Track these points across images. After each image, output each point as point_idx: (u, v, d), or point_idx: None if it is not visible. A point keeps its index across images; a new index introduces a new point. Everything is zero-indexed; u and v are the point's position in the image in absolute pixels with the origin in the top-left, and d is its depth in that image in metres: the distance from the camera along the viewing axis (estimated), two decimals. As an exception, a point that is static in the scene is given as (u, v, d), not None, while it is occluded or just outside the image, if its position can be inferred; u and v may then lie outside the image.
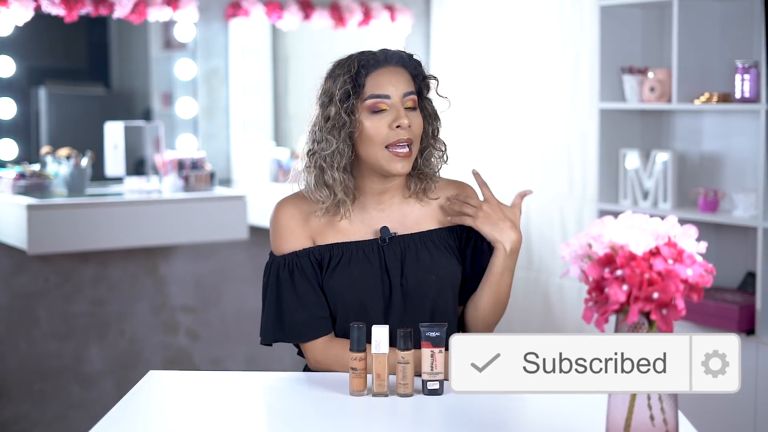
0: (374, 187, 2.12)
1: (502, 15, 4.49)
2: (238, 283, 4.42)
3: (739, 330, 3.44)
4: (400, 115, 2.05)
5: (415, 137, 2.08)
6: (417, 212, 2.16)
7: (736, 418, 3.46)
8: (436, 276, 2.09)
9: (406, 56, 2.12)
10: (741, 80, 3.45)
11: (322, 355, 2.07)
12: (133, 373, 4.14)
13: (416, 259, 2.10)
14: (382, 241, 2.10)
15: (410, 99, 2.08)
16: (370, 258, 2.09)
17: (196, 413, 1.85)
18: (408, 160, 2.07)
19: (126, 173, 4.00)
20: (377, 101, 2.06)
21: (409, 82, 2.09)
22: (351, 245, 2.10)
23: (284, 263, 2.08)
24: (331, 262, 2.08)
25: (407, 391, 1.89)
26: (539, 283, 4.37)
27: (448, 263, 2.12)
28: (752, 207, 3.51)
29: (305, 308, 2.06)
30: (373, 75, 2.07)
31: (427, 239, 2.13)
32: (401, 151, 2.06)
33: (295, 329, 2.07)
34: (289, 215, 2.13)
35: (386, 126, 2.05)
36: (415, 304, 2.09)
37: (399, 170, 2.06)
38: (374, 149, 2.06)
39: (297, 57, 4.60)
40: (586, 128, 4.12)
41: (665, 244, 1.46)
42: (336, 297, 2.08)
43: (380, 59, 2.09)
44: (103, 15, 3.86)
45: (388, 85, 2.06)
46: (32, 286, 3.96)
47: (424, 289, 2.09)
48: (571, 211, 4.22)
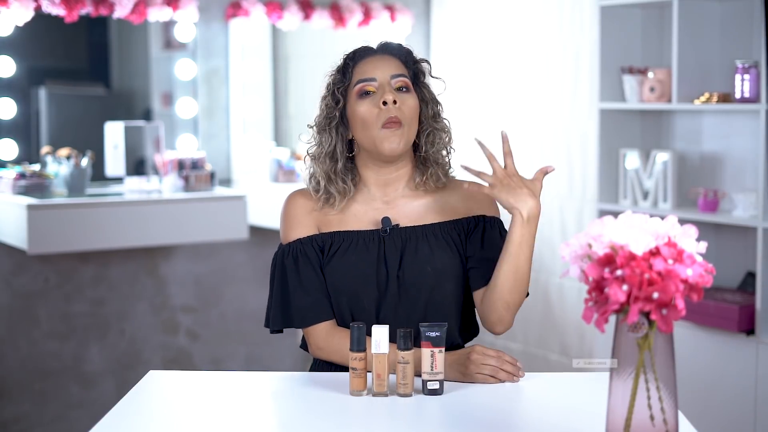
0: (378, 179, 2.14)
1: (502, 15, 4.49)
2: (238, 283, 4.42)
3: (739, 330, 3.44)
4: (385, 92, 2.08)
5: (406, 118, 2.09)
6: (423, 205, 2.15)
7: (736, 418, 3.46)
8: (432, 268, 2.09)
9: (395, 45, 2.17)
10: (741, 80, 3.45)
11: (324, 341, 2.08)
12: (133, 373, 4.14)
13: (414, 251, 2.10)
14: (383, 232, 2.11)
15: (399, 80, 2.11)
16: (369, 247, 2.10)
17: (196, 413, 1.85)
18: (400, 137, 2.08)
19: (126, 173, 4.00)
20: (363, 84, 2.10)
21: (398, 66, 2.13)
22: (352, 234, 2.12)
23: (289, 250, 2.12)
24: (332, 248, 2.11)
25: (407, 391, 1.89)
26: (539, 283, 4.37)
27: (446, 256, 2.11)
28: (752, 207, 3.51)
29: (308, 293, 2.09)
30: (360, 63, 2.14)
31: (429, 232, 2.13)
32: (393, 125, 2.07)
33: (299, 313, 2.09)
34: (297, 205, 2.15)
35: (375, 106, 2.08)
36: (410, 296, 2.09)
37: (393, 147, 2.07)
38: (368, 132, 2.09)
39: (297, 57, 4.60)
40: (586, 128, 4.12)
41: (665, 244, 1.46)
42: (330, 283, 2.10)
43: (367, 50, 2.16)
44: (103, 15, 3.86)
45: (374, 69, 2.11)
46: (32, 286, 3.96)
47: (419, 280, 2.09)
48: (571, 211, 4.22)
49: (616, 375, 1.50)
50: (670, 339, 1.49)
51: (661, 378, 1.48)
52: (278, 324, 2.12)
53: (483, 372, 1.96)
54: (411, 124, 2.11)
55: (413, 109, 2.11)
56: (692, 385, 3.55)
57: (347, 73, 2.13)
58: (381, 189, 2.15)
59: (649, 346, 1.47)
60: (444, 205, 2.17)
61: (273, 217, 4.00)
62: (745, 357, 3.43)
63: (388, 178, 2.15)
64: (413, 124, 2.11)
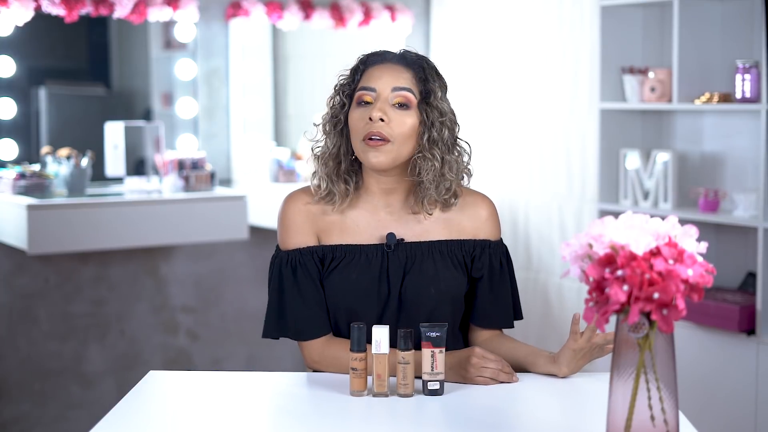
0: (380, 187, 2.09)
1: (502, 15, 4.49)
2: (238, 283, 4.42)
3: (739, 330, 3.43)
4: (374, 108, 2.01)
5: (394, 136, 2.01)
6: (427, 221, 2.10)
7: (736, 418, 3.46)
8: (436, 289, 2.06)
9: (412, 56, 2.08)
10: (741, 80, 3.45)
11: (319, 355, 2.07)
12: (133, 373, 4.14)
13: (419, 269, 2.06)
14: (387, 248, 2.07)
15: (399, 95, 2.03)
16: (371, 262, 2.06)
17: (196, 413, 1.84)
18: (381, 153, 2.00)
19: (126, 173, 4.00)
20: (362, 93, 2.04)
21: (406, 79, 2.04)
22: (355, 248, 2.07)
23: (287, 259, 2.08)
24: (332, 262, 2.07)
25: (407, 391, 1.89)
26: (539, 283, 4.37)
27: (452, 276, 2.08)
28: (752, 207, 3.51)
29: (307, 306, 2.06)
30: (370, 69, 2.07)
31: (435, 249, 2.08)
32: (372, 142, 2.01)
33: (296, 327, 2.06)
34: (296, 210, 2.10)
35: (364, 118, 2.02)
36: (410, 315, 2.06)
37: (372, 162, 2.01)
38: (355, 141, 2.05)
39: (297, 57, 4.60)
40: (587, 128, 4.12)
41: (666, 244, 1.46)
42: (329, 297, 2.07)
43: (381, 55, 2.09)
44: (103, 15, 3.86)
45: (378, 79, 2.04)
46: (32, 286, 3.96)
47: (421, 300, 2.06)
48: (571, 211, 4.22)
49: (617, 375, 1.50)
50: (670, 339, 1.49)
51: (662, 378, 1.48)
52: (273, 332, 2.08)
53: (483, 375, 1.96)
54: (404, 142, 2.02)
55: (408, 127, 2.02)
56: (693, 385, 3.55)
57: (356, 76, 2.08)
58: (384, 198, 2.10)
59: (649, 347, 1.47)
60: (450, 222, 2.11)
61: (273, 217, 4.00)
62: (746, 357, 3.43)
63: (388, 187, 2.09)
64: (407, 142, 2.03)
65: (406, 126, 2.03)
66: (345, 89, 2.09)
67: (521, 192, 4.41)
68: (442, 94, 2.08)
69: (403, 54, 2.09)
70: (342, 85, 2.10)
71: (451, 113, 2.09)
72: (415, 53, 2.10)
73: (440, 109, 2.06)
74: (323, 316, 2.07)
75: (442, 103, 2.07)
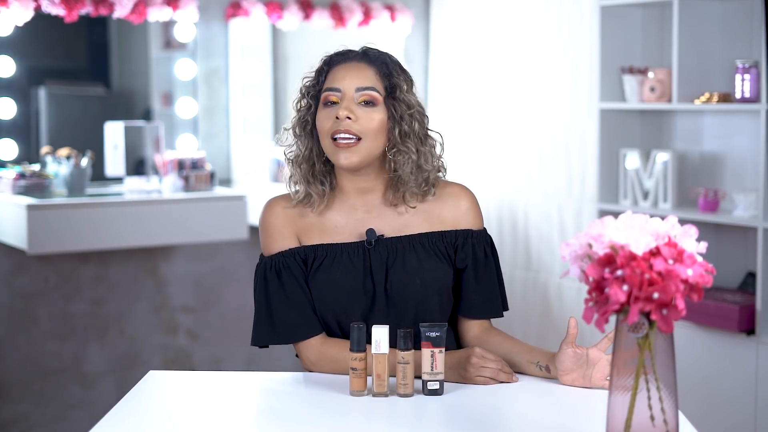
0: (354, 186, 2.10)
1: (501, 15, 4.49)
2: (238, 283, 4.42)
3: (739, 330, 3.43)
4: (341, 107, 2.03)
5: (363, 132, 2.02)
6: (406, 214, 2.11)
7: (736, 418, 3.46)
8: (421, 281, 2.06)
9: (374, 53, 2.10)
10: (741, 80, 3.45)
11: (316, 355, 2.06)
12: (133, 373, 4.14)
13: (402, 263, 2.07)
14: (368, 244, 2.07)
15: (364, 94, 2.04)
16: (354, 260, 2.06)
17: (196, 413, 1.84)
18: (352, 153, 2.02)
19: (126, 173, 4.00)
20: (328, 94, 2.06)
21: (370, 78, 2.06)
22: (335, 247, 2.08)
23: (271, 264, 2.08)
24: (315, 262, 2.07)
25: (407, 391, 1.89)
26: (538, 283, 4.37)
27: (436, 267, 2.08)
28: (752, 207, 3.51)
29: (295, 308, 2.06)
30: (333, 70, 2.09)
31: (416, 242, 2.09)
32: (341, 141, 2.03)
33: (287, 330, 2.06)
34: (275, 214, 2.11)
35: (331, 118, 2.04)
36: (398, 309, 2.06)
37: (343, 163, 2.03)
38: (323, 141, 2.06)
39: (297, 57, 4.60)
40: (586, 128, 4.12)
41: (665, 244, 1.46)
42: (316, 297, 2.07)
43: (344, 55, 2.11)
44: (103, 15, 3.86)
45: (343, 79, 2.06)
46: (32, 286, 3.96)
47: (408, 293, 2.06)
48: (571, 211, 4.21)
49: (617, 375, 1.50)
50: (670, 339, 1.49)
51: (662, 378, 1.48)
52: (264, 340, 2.08)
53: (483, 375, 1.96)
54: (373, 138, 2.04)
55: (376, 123, 2.04)
56: (693, 385, 3.55)
57: (321, 77, 2.10)
58: (360, 197, 2.11)
59: (649, 347, 1.47)
60: (430, 214, 2.12)
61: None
62: (746, 357, 3.43)
63: (362, 186, 2.10)
64: (376, 138, 2.04)
65: (374, 122, 2.05)
66: (310, 91, 2.11)
67: (521, 192, 4.41)
68: (408, 88, 2.10)
69: (365, 51, 2.11)
70: (307, 87, 2.12)
71: (418, 105, 2.11)
72: (377, 50, 2.12)
73: (407, 102, 2.08)
74: (312, 316, 2.07)
75: (408, 96, 2.09)
